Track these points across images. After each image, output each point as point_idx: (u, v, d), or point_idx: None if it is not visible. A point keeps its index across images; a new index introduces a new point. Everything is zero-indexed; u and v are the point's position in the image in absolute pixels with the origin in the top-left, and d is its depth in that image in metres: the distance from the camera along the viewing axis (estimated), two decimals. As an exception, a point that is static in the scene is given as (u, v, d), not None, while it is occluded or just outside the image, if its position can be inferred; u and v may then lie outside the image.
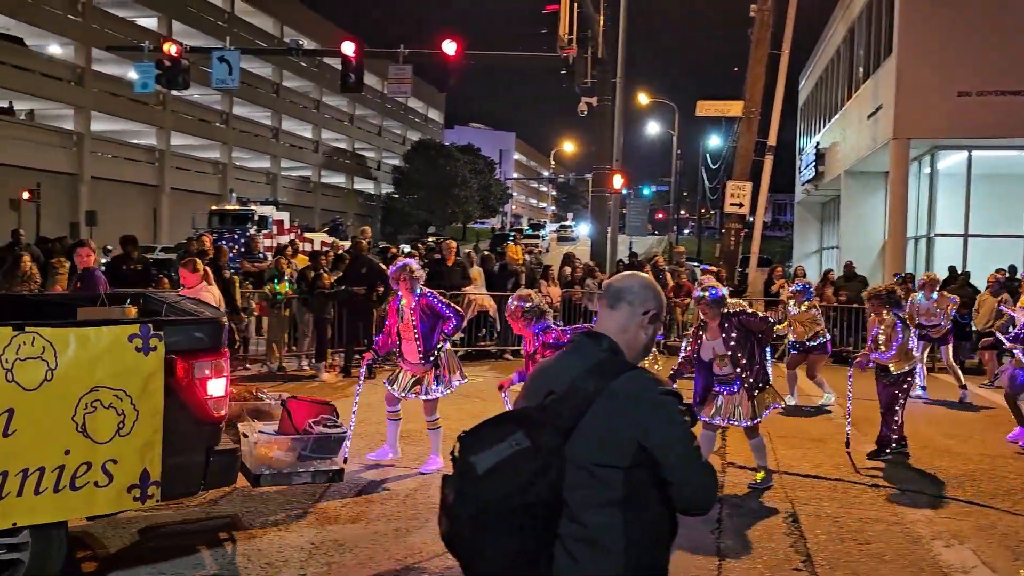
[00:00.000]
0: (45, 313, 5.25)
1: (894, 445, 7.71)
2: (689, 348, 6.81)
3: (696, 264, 24.77)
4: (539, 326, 5.62)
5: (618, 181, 20.80)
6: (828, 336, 10.26)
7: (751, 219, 19.30)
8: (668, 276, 15.24)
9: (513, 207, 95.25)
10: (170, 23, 44.00)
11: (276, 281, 11.44)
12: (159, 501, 4.13)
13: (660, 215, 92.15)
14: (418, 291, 6.69)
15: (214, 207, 34.37)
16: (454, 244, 13.98)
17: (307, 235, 30.69)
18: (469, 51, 19.63)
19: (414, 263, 7.04)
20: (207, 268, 7.31)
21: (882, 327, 7.68)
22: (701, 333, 6.50)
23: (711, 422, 6.48)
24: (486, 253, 17.47)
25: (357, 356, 11.39)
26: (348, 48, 19.03)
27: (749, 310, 6.80)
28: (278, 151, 56.47)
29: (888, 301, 7.79)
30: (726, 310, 6.35)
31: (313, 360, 11.52)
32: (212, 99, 47.90)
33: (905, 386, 7.67)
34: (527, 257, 24.38)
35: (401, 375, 6.80)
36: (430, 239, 43.70)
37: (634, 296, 2.21)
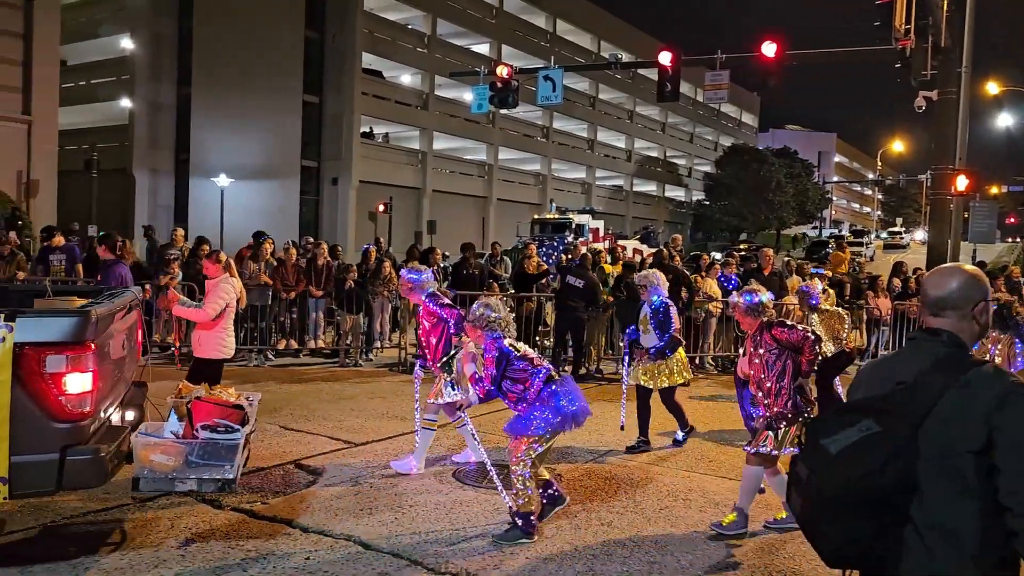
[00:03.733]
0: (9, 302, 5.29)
1: None
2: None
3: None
4: (492, 336, 5.05)
5: (962, 182, 18.72)
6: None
7: None
8: None
9: (833, 212, 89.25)
10: (500, 47, 47.89)
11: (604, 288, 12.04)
12: (7, 498, 3.97)
13: (1012, 219, 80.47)
14: (424, 296, 6.41)
15: (536, 216, 36.68)
16: (771, 252, 13.65)
17: (620, 243, 31.61)
18: (790, 51, 18.96)
19: (412, 274, 6.55)
20: (231, 261, 7.36)
21: (998, 347, 6.39)
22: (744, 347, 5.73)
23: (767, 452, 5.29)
24: (799, 262, 16.73)
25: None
26: (665, 58, 19.33)
27: (788, 322, 5.56)
28: (593, 161, 58.73)
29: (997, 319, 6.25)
30: (765, 319, 5.39)
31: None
32: (534, 115, 51.15)
33: None
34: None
35: (436, 381, 6.54)
36: (742, 246, 42.61)
37: (955, 300, 2.21)
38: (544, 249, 25.95)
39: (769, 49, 18.03)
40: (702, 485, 6.34)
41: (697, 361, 12.17)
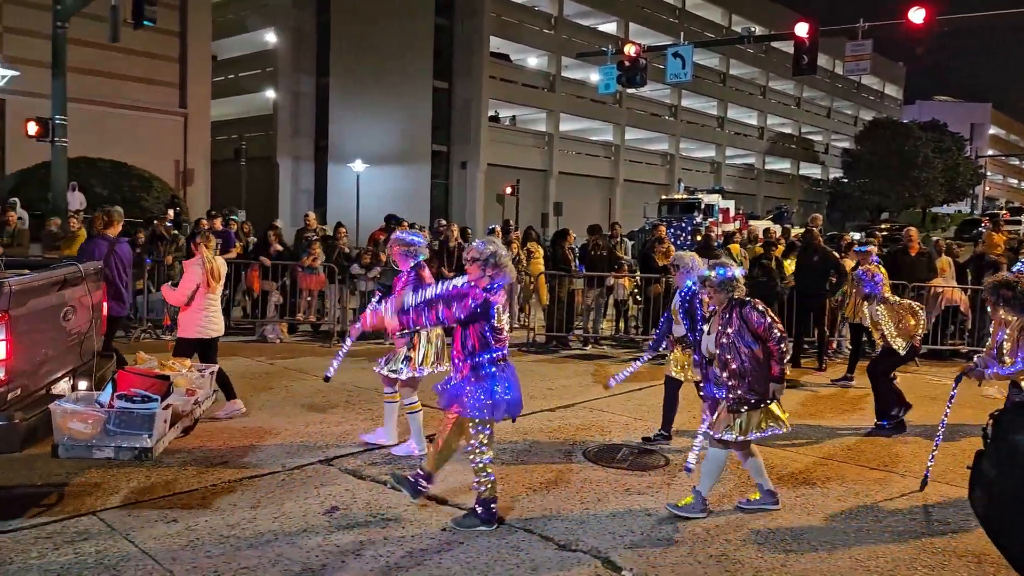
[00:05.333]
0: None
1: None
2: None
3: None
4: (491, 284, 4.66)
5: None
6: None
7: None
8: None
9: (987, 188, 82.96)
10: (627, 26, 47.22)
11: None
12: None
13: None
14: (411, 264, 6.07)
15: (663, 196, 36.12)
16: (916, 232, 12.90)
17: (752, 223, 30.66)
18: (940, 16, 17.75)
19: (412, 236, 6.31)
20: (208, 243, 7.15)
21: (1007, 330, 5.48)
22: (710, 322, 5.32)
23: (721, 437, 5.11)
24: (949, 241, 15.68)
25: (807, 347, 11.28)
26: (801, 29, 18.54)
27: (761, 307, 5.09)
28: (723, 139, 57.10)
29: (1015, 300, 5.38)
30: (734, 296, 5.06)
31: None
32: (662, 93, 50.19)
33: None
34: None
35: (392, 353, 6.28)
36: (884, 226, 40.39)
37: None
38: (672, 230, 25.54)
39: (917, 15, 16.98)
40: (841, 473, 6.14)
41: (835, 346, 11.72)
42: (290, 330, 12.24)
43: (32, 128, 15.08)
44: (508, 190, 38.52)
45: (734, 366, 4.99)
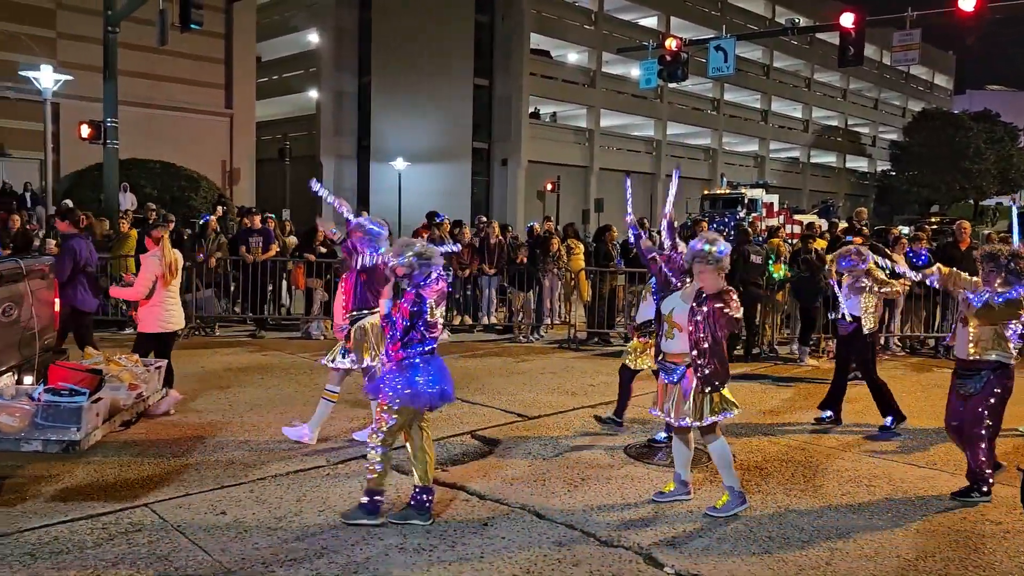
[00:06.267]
0: None
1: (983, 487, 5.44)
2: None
3: None
4: (417, 282, 4.76)
5: None
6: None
7: None
8: None
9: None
10: (668, 20, 46.80)
11: (772, 262, 11.63)
12: None
13: None
14: (370, 253, 6.06)
15: (706, 191, 35.75)
16: (968, 225, 12.59)
17: (797, 217, 30.21)
18: (992, 3, 17.27)
19: (374, 225, 6.20)
20: (165, 236, 7.29)
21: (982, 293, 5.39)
22: (685, 282, 5.19)
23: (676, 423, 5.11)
24: (1004, 234, 15.27)
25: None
26: (847, 20, 18.18)
27: (731, 295, 4.93)
28: (767, 133, 56.28)
29: (1008, 270, 5.29)
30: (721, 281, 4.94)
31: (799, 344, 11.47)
32: (704, 87, 49.64)
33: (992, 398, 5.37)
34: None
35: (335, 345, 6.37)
36: (933, 219, 39.42)
37: None
38: (715, 225, 25.24)
39: (967, 3, 16.54)
40: (888, 471, 6.04)
41: (883, 341, 11.49)
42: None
43: (85, 131, 15.50)
44: (549, 187, 38.47)
45: (705, 346, 4.92)
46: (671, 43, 21.10)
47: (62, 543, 4.34)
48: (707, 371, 4.93)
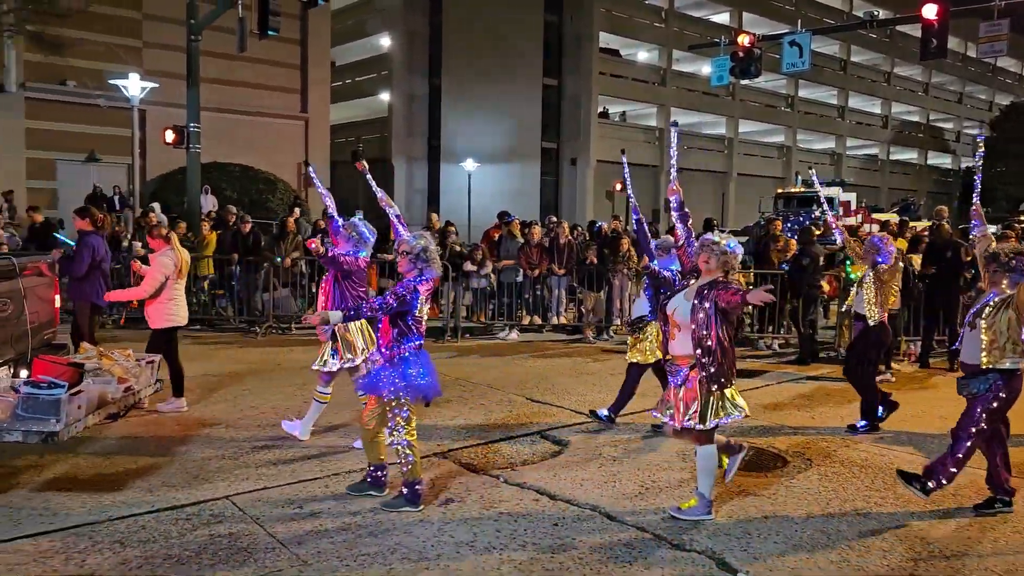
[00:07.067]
0: None
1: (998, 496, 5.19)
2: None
3: None
4: (425, 274, 4.97)
5: None
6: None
7: None
8: None
9: None
10: (740, 15, 45.95)
11: (849, 263, 11.31)
12: None
13: None
14: (352, 253, 6.27)
15: (780, 190, 34.97)
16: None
17: (875, 216, 29.29)
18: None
19: (365, 228, 6.43)
20: (173, 234, 7.43)
21: (994, 300, 5.04)
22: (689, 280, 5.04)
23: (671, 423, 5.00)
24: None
25: (936, 347, 10.71)
26: (930, 11, 17.52)
27: (733, 284, 4.85)
28: (843, 130, 54.72)
29: (1010, 268, 5.03)
30: (722, 275, 4.84)
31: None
32: (778, 84, 48.57)
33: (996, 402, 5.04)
34: None
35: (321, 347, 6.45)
36: (1022, 217, 37.65)
37: None
38: (789, 225, 24.68)
39: (1061, -9, 15.77)
40: (973, 479, 5.80)
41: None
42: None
43: (169, 136, 16.09)
44: (618, 187, 38.15)
45: (709, 343, 4.77)
46: (744, 39, 20.71)
47: (149, 532, 4.53)
48: (712, 369, 4.78)
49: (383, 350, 4.98)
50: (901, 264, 9.19)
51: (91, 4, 18.98)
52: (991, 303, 5.09)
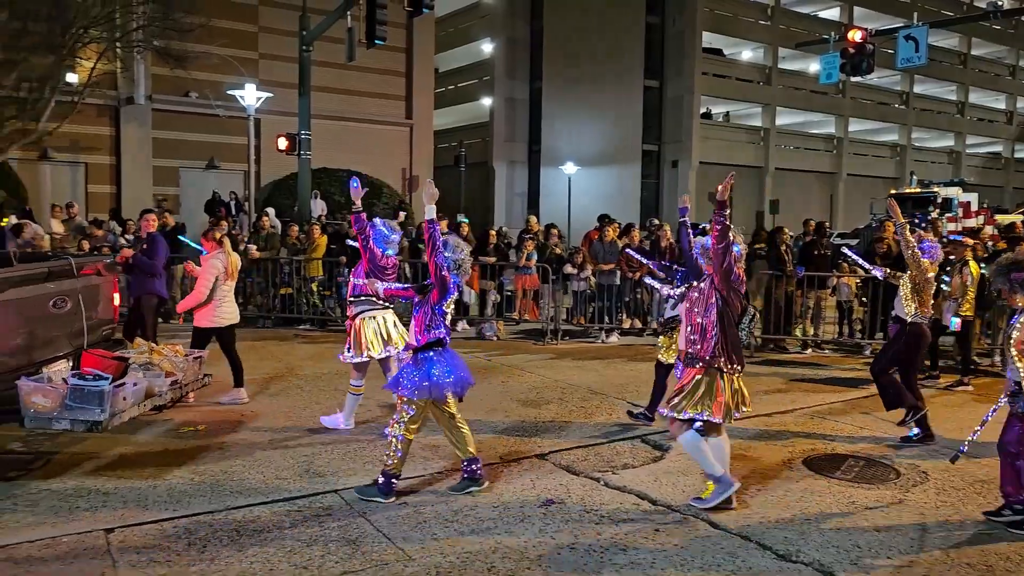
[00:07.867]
0: None
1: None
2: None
3: None
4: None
5: None
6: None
7: None
8: None
9: None
10: (851, 10, 44.21)
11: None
12: None
13: None
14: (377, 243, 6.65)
15: (893, 191, 33.47)
16: None
17: (998, 217, 27.63)
18: None
19: (390, 230, 6.71)
20: (225, 238, 7.70)
21: (1021, 319, 4.71)
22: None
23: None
24: None
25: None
26: (1063, 0, 16.43)
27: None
28: (963, 127, 51.79)
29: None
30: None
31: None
32: (891, 80, 46.46)
33: None
34: None
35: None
36: None
37: None
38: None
39: None
40: None
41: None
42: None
43: (282, 143, 16.80)
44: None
45: (699, 320, 4.93)
46: (855, 34, 19.96)
47: (263, 522, 4.75)
48: (698, 347, 4.92)
49: (417, 337, 5.19)
50: (972, 270, 9.20)
51: (211, 19, 19.99)
52: (1018, 323, 4.86)
